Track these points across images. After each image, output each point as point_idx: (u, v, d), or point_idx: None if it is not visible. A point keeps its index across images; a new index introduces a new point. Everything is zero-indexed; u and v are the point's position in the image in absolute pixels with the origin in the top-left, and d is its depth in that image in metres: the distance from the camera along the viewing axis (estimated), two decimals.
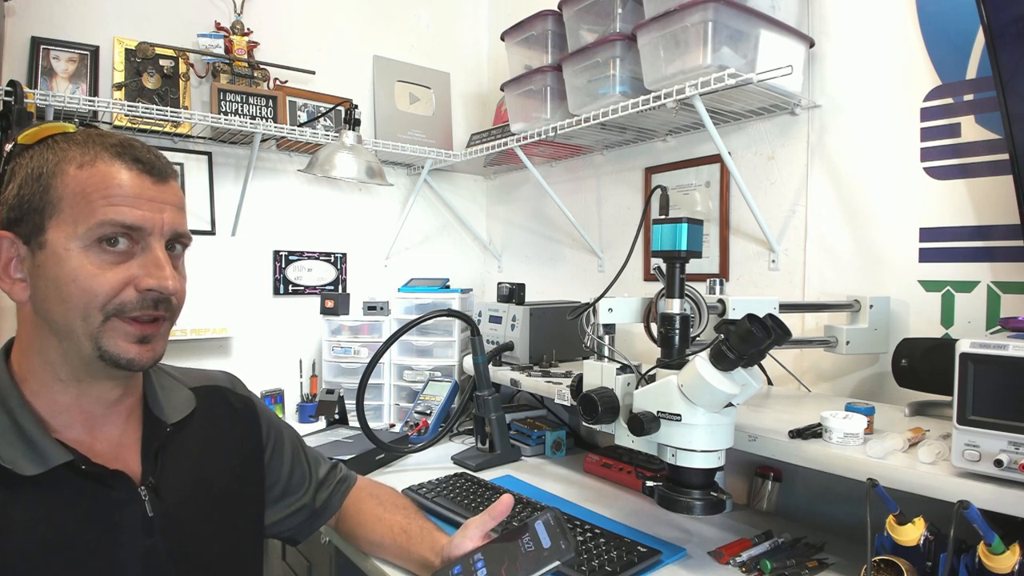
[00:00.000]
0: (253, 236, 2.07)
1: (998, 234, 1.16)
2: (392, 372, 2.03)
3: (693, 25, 1.30)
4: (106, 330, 0.68)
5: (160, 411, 0.80)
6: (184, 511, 0.77)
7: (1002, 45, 0.93)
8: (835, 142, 1.41)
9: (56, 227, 0.67)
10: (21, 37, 1.69)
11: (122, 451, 0.75)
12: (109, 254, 0.68)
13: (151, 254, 0.70)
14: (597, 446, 1.71)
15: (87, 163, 0.68)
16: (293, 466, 0.99)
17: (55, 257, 0.67)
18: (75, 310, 0.67)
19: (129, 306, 0.69)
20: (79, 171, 0.68)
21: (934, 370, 1.10)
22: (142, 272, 0.69)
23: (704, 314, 1.05)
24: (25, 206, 0.68)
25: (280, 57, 2.06)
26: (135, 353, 0.70)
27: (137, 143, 0.73)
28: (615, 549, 1.05)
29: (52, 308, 0.68)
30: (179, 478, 0.78)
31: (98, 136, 0.71)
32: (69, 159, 0.68)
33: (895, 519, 0.82)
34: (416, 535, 0.97)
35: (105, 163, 0.69)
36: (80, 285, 0.66)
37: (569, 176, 2.17)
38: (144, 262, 0.69)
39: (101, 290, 0.67)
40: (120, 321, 0.69)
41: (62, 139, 0.70)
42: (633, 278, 1.89)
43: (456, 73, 2.48)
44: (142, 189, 0.69)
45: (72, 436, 0.71)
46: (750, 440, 1.04)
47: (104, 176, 0.68)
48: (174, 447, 0.80)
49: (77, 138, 0.70)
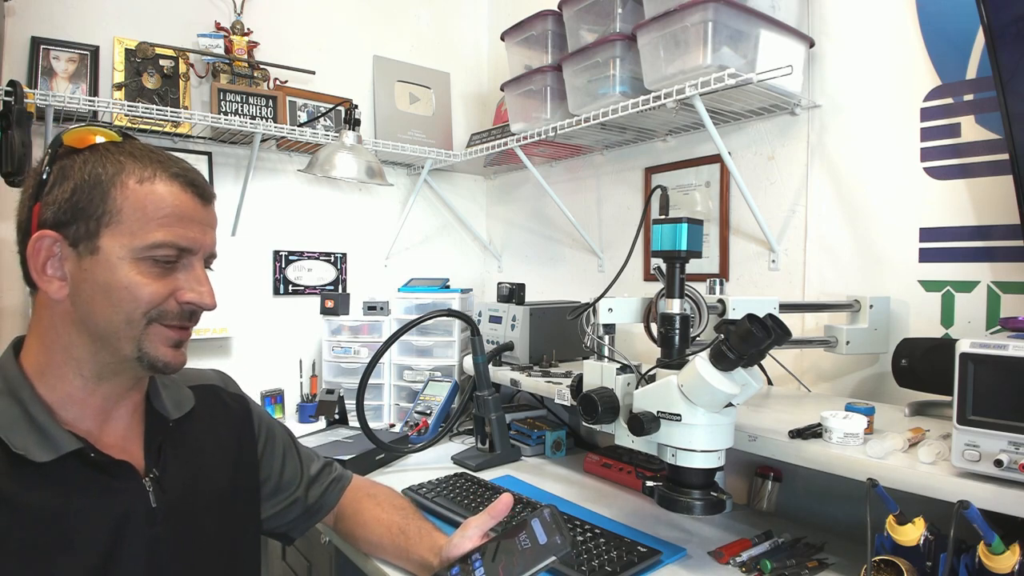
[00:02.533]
0: (253, 236, 2.07)
1: (998, 234, 1.16)
2: (392, 372, 2.03)
3: (693, 25, 1.30)
4: (148, 334, 0.73)
5: (163, 407, 0.83)
6: (185, 503, 0.79)
7: (1002, 45, 0.93)
8: (835, 142, 1.41)
9: (111, 236, 0.70)
10: (21, 37, 1.69)
11: (127, 444, 0.78)
12: (158, 266, 0.73)
13: (193, 271, 0.76)
14: (597, 446, 1.71)
15: (147, 179, 0.72)
16: (285, 462, 1.01)
17: (107, 264, 0.70)
18: (121, 314, 0.71)
19: (169, 315, 0.74)
20: (139, 186, 0.72)
21: (934, 370, 1.10)
22: (185, 286, 0.75)
23: (704, 314, 1.05)
24: (78, 212, 0.70)
25: (280, 57, 2.06)
26: (171, 357, 0.75)
27: (185, 163, 0.77)
28: (615, 549, 1.05)
29: (97, 311, 0.71)
30: (180, 472, 0.81)
31: (150, 152, 0.75)
32: (128, 172, 0.72)
33: (895, 519, 0.82)
34: (414, 535, 0.97)
35: (164, 183, 0.73)
36: (131, 292, 0.71)
37: (569, 176, 2.17)
38: (188, 277, 0.75)
39: (148, 298, 0.72)
40: (160, 327, 0.74)
41: (115, 149, 0.73)
42: (633, 278, 1.89)
43: (456, 73, 2.48)
44: (195, 212, 0.75)
45: (82, 428, 0.73)
46: (750, 440, 1.04)
47: (163, 196, 0.72)
48: (175, 442, 0.83)
49: (131, 151, 0.74)
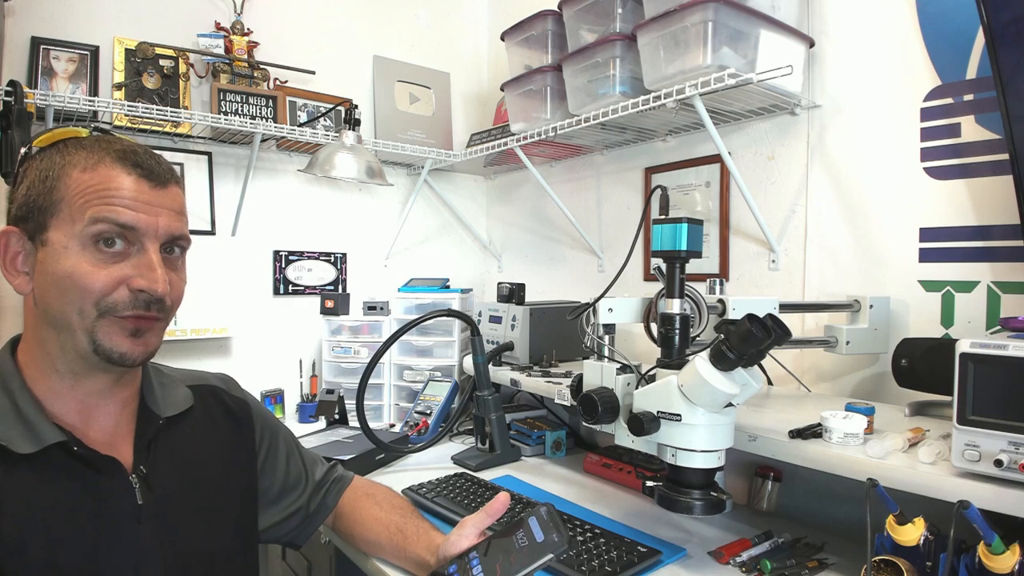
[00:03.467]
0: (253, 236, 2.07)
1: (998, 234, 1.16)
2: (392, 372, 2.03)
3: (693, 25, 1.30)
4: (100, 326, 0.71)
5: (155, 405, 0.82)
6: (173, 503, 0.79)
7: (1002, 45, 0.93)
8: (835, 142, 1.41)
9: (57, 226, 0.70)
10: (21, 37, 1.69)
11: (116, 440, 0.77)
12: (105, 253, 0.70)
13: (145, 256, 0.72)
14: (597, 446, 1.71)
15: (90, 167, 0.71)
16: (288, 468, 1.00)
17: (54, 254, 0.70)
18: (71, 304, 0.70)
19: (121, 305, 0.71)
20: (82, 174, 0.71)
21: (934, 370, 1.10)
22: (135, 272, 0.71)
23: (704, 314, 1.05)
24: (32, 205, 0.71)
25: (280, 57, 2.05)
26: (128, 347, 0.72)
27: (141, 149, 0.75)
28: (615, 549, 1.05)
29: (51, 302, 0.71)
30: (170, 471, 0.80)
31: (105, 141, 0.74)
32: (74, 163, 0.71)
33: (895, 519, 0.82)
34: (412, 534, 0.97)
35: (107, 167, 0.71)
36: (76, 281, 0.69)
37: (569, 176, 2.17)
38: (138, 263, 0.72)
39: (95, 287, 0.69)
40: (114, 318, 0.71)
41: (72, 143, 0.73)
42: (633, 278, 1.89)
43: (456, 73, 2.48)
44: (139, 192, 0.72)
45: (67, 422, 0.73)
46: (750, 440, 1.04)
47: (104, 179, 0.71)
48: (167, 440, 0.82)
49: (85, 143, 0.73)
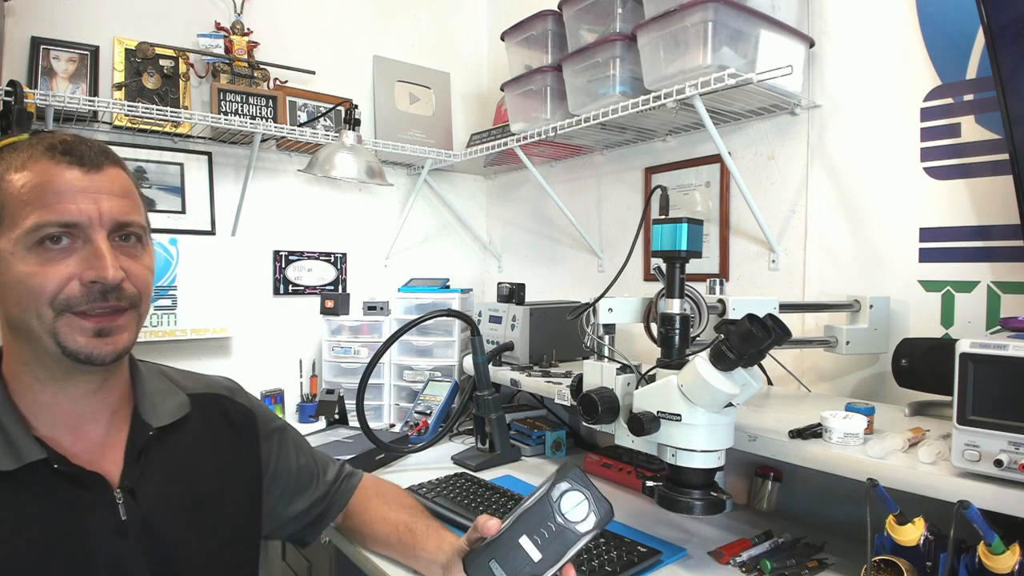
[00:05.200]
0: (253, 236, 2.07)
1: (998, 234, 1.16)
2: (392, 372, 2.03)
3: (693, 25, 1.30)
4: (60, 326, 0.69)
5: (148, 414, 0.80)
6: (163, 516, 0.76)
7: (1002, 45, 0.93)
8: (835, 142, 1.41)
9: (2, 234, 0.68)
10: (21, 37, 1.69)
11: (105, 452, 0.75)
12: (52, 252, 0.68)
13: (91, 247, 0.69)
14: (597, 446, 1.71)
15: (19, 167, 0.69)
16: (299, 467, 0.99)
17: (4, 262, 0.68)
18: (28, 311, 0.68)
19: (75, 300, 0.69)
20: (16, 175, 0.69)
21: (934, 370, 1.10)
22: (83, 265, 0.69)
23: (704, 314, 1.05)
24: None
25: (280, 57, 2.05)
26: (93, 347, 0.70)
27: (71, 136, 0.72)
28: (615, 549, 1.05)
29: (11, 311, 0.70)
30: (161, 483, 0.78)
31: (38, 139, 0.71)
32: (6, 166, 0.69)
33: (895, 519, 0.82)
34: (421, 533, 0.97)
35: (37, 163, 0.69)
36: (26, 285, 0.67)
37: (569, 176, 2.17)
38: (85, 255, 0.69)
39: (46, 287, 0.68)
40: (72, 316, 0.69)
41: (8, 149, 0.71)
42: (633, 278, 1.88)
43: (456, 73, 2.48)
44: (73, 181, 0.69)
45: (54, 435, 0.72)
46: (750, 440, 1.04)
47: (36, 175, 0.69)
48: (159, 451, 0.79)
49: (20, 145, 0.71)
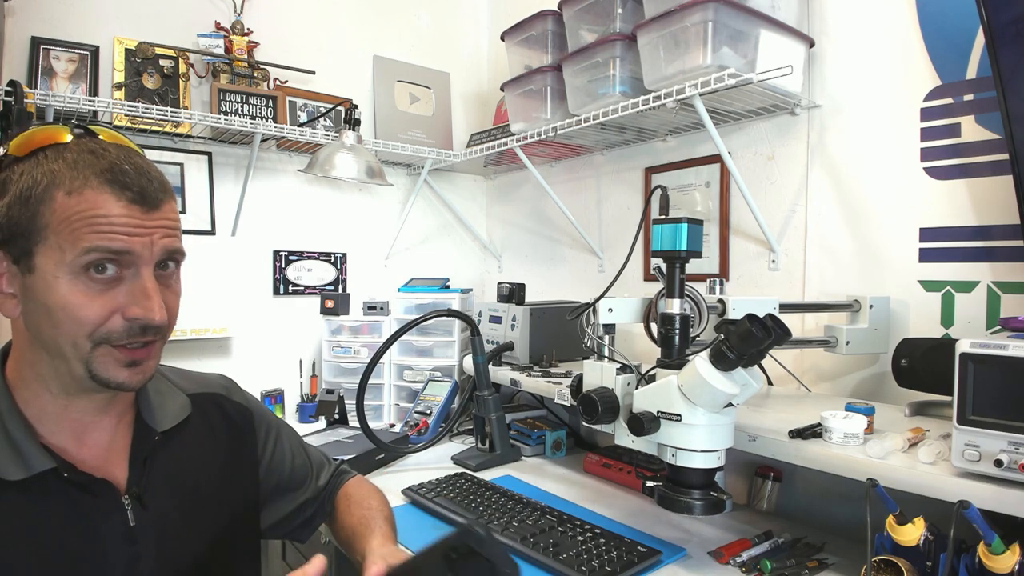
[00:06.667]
0: (253, 236, 2.07)
1: (998, 234, 1.16)
2: (392, 372, 2.03)
3: (693, 25, 1.30)
4: (96, 356, 0.67)
5: (152, 418, 0.79)
6: (170, 520, 0.76)
7: (1002, 45, 0.93)
8: (835, 142, 1.41)
9: (44, 253, 0.65)
10: (21, 37, 1.69)
11: (111, 457, 0.75)
12: (97, 282, 0.66)
13: (139, 282, 0.68)
14: (597, 446, 1.71)
15: (75, 190, 0.65)
16: (293, 465, 0.99)
17: (44, 283, 0.66)
18: (64, 336, 0.66)
19: (116, 335, 0.67)
20: (67, 199, 0.65)
21: (934, 370, 1.10)
22: (129, 301, 0.67)
23: (704, 314, 1.05)
24: (14, 228, 0.66)
25: (280, 57, 2.05)
26: (125, 377, 0.69)
27: (130, 165, 0.68)
28: (615, 549, 1.05)
29: (43, 330, 0.67)
30: (167, 486, 0.77)
31: (89, 156, 0.67)
32: (58, 183, 0.65)
33: (895, 519, 0.82)
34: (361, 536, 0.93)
35: (94, 191, 0.65)
36: (68, 313, 0.65)
37: (569, 176, 2.17)
38: (132, 290, 0.67)
39: (88, 319, 0.66)
40: (110, 347, 0.68)
41: (53, 155, 0.67)
42: (633, 278, 1.88)
43: (456, 73, 2.48)
44: (131, 218, 0.67)
45: (59, 443, 0.71)
46: (750, 440, 1.04)
47: (92, 205, 0.65)
48: (164, 455, 0.79)
49: (68, 156, 0.67)
